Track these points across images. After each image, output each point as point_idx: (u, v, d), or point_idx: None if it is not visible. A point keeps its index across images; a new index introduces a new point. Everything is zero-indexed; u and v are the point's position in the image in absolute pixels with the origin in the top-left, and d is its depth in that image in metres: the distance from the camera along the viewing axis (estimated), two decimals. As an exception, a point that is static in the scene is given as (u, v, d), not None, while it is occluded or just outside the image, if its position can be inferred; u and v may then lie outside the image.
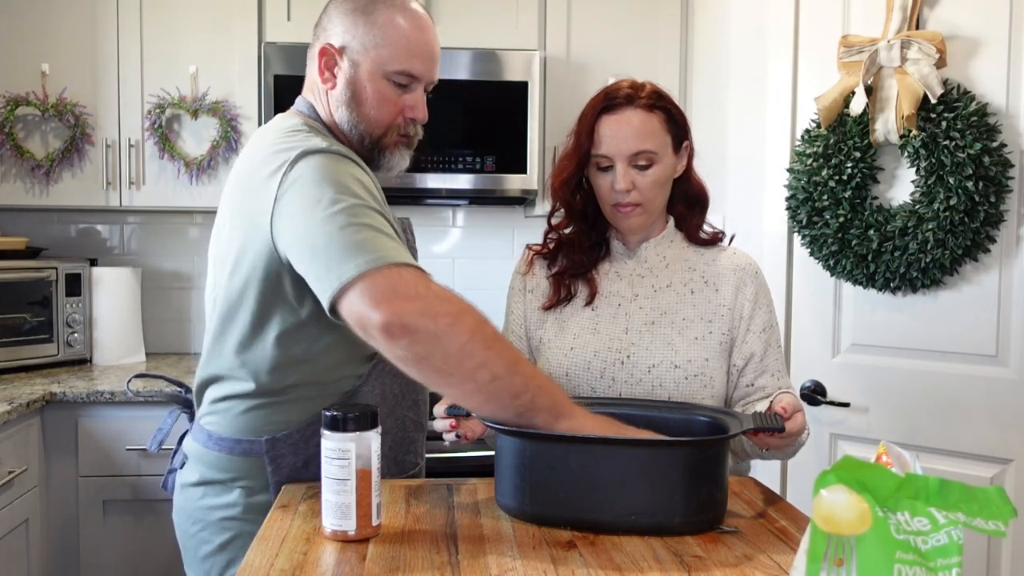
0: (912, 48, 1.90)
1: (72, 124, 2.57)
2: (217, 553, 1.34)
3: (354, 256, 1.10)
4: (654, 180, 1.43)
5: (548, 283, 1.52)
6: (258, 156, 1.27)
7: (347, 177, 1.20)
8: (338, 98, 1.36)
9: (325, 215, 1.15)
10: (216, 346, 1.33)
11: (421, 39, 1.35)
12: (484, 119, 2.62)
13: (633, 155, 1.41)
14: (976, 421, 1.92)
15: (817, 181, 2.03)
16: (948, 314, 1.95)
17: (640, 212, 1.44)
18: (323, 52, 1.35)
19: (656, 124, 1.42)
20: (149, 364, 2.71)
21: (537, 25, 2.70)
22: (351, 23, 1.33)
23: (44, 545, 2.29)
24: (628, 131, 1.41)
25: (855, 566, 0.72)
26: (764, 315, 1.47)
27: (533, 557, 1.01)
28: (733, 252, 1.53)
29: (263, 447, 1.30)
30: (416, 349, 1.08)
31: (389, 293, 1.08)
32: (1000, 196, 1.84)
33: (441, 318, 1.08)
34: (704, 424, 1.23)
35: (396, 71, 1.33)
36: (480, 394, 1.11)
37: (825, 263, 2.07)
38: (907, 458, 0.82)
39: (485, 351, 1.10)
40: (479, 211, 3.06)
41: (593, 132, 1.43)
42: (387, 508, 1.17)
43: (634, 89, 1.44)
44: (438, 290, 1.13)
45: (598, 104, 1.44)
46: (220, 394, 1.34)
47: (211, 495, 1.34)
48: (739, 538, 1.08)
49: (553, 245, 1.55)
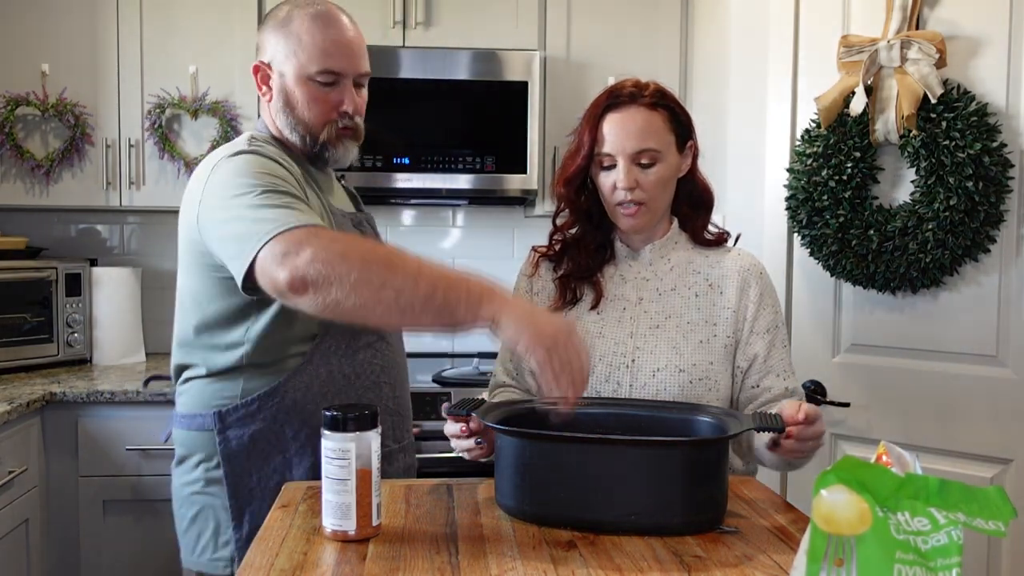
0: (912, 48, 1.89)
1: (72, 124, 2.57)
2: (190, 527, 1.45)
3: (255, 233, 1.21)
4: (657, 179, 1.42)
5: (554, 286, 1.52)
6: (198, 171, 1.43)
7: (258, 169, 1.33)
8: (275, 107, 1.48)
9: (233, 205, 1.28)
10: (179, 335, 1.46)
11: (333, 37, 1.44)
12: (484, 119, 2.62)
13: (636, 153, 1.40)
14: (976, 421, 1.92)
15: (817, 181, 2.03)
16: (948, 314, 1.95)
17: (643, 212, 1.44)
18: (256, 69, 1.49)
19: (660, 122, 1.42)
20: (149, 364, 2.71)
21: (537, 25, 2.70)
22: (274, 37, 1.46)
23: (44, 545, 2.29)
24: (631, 129, 1.40)
25: (855, 566, 0.72)
26: (768, 316, 1.47)
27: (533, 557, 1.01)
28: (738, 253, 1.52)
29: (213, 420, 1.40)
30: (323, 298, 1.15)
31: (283, 255, 1.17)
32: (1000, 196, 1.84)
33: (332, 261, 1.15)
34: (705, 424, 1.23)
35: (317, 72, 1.43)
36: (394, 312, 1.17)
37: (825, 263, 2.07)
38: (907, 458, 0.82)
39: (383, 272, 1.15)
40: (479, 211, 3.06)
41: (597, 130, 1.42)
42: (387, 508, 1.17)
43: (638, 88, 1.44)
44: (327, 238, 1.20)
45: (602, 103, 1.44)
46: (184, 377, 1.47)
47: (182, 472, 1.47)
48: (739, 538, 1.08)
49: (559, 247, 1.54)
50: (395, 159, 2.56)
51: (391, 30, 2.63)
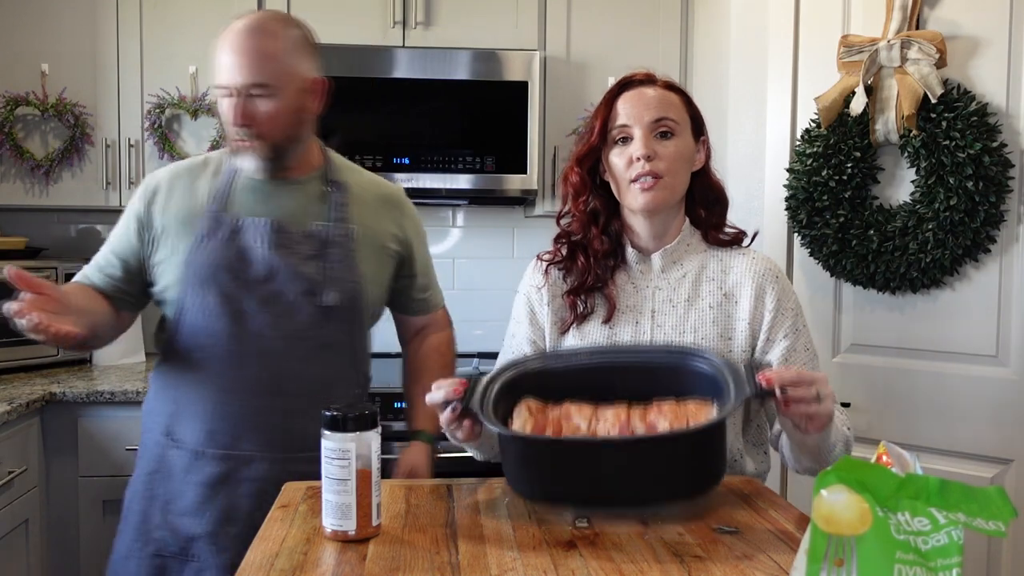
0: (912, 48, 1.89)
1: (72, 124, 2.57)
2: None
3: None
4: (676, 151, 1.38)
5: (564, 300, 1.45)
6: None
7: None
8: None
9: None
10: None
11: (224, 52, 1.48)
12: (484, 119, 2.62)
13: (654, 121, 1.37)
14: (976, 421, 1.92)
15: (817, 181, 2.03)
16: (948, 314, 1.95)
17: (661, 186, 1.37)
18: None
19: (676, 100, 1.42)
20: (149, 364, 2.71)
21: (537, 25, 2.70)
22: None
23: (44, 545, 2.29)
24: (649, 100, 1.39)
25: (855, 566, 0.72)
26: (787, 322, 1.40)
27: (533, 557, 1.01)
28: (752, 257, 1.46)
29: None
30: None
31: None
32: (1000, 196, 1.84)
33: None
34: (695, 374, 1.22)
35: (216, 88, 1.51)
36: None
37: (825, 263, 2.07)
38: (907, 458, 0.82)
39: None
40: (479, 211, 3.06)
41: (611, 110, 1.40)
42: (387, 508, 1.17)
43: (650, 74, 1.44)
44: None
45: (615, 88, 1.43)
46: None
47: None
48: (739, 538, 1.08)
49: (566, 250, 1.48)
50: (395, 159, 2.56)
51: (391, 30, 2.63)
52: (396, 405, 2.32)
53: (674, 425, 1.15)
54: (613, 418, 1.19)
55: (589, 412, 1.21)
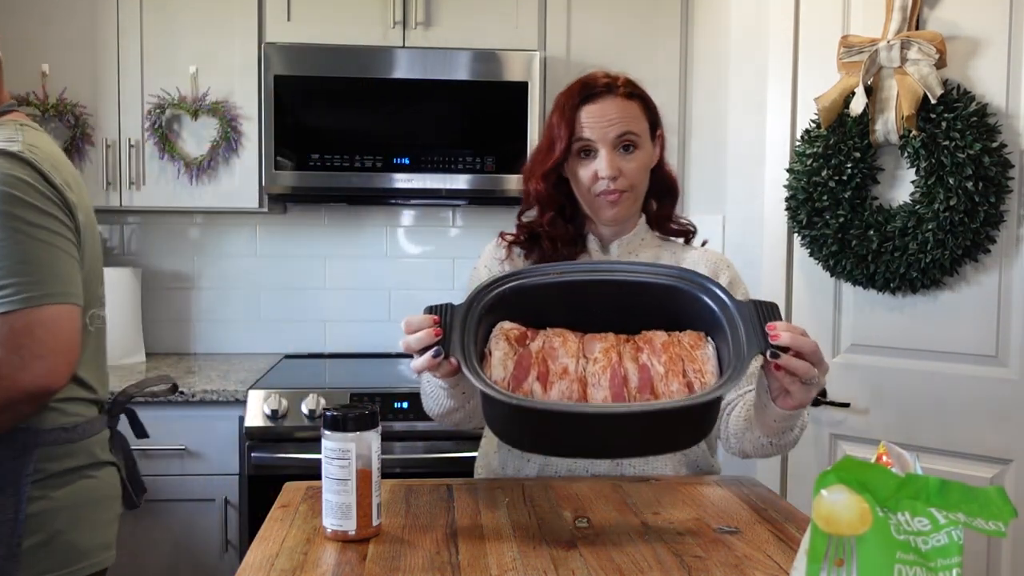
0: (912, 48, 1.90)
1: (72, 124, 2.57)
2: None
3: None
4: (639, 164, 1.43)
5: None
6: None
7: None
8: None
9: None
10: None
11: None
12: (484, 119, 2.62)
13: (618, 137, 1.40)
14: (976, 421, 1.92)
15: (817, 181, 2.03)
16: (948, 314, 1.95)
17: (626, 199, 1.43)
18: None
19: (636, 110, 1.44)
20: (149, 364, 2.71)
21: (537, 25, 2.70)
22: None
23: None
24: (612, 116, 1.40)
25: (855, 566, 0.72)
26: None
27: (533, 557, 1.01)
28: (706, 250, 1.53)
29: None
30: None
31: None
32: (1000, 196, 1.84)
33: None
34: (694, 301, 1.12)
35: None
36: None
37: (825, 263, 2.07)
38: (907, 458, 0.82)
39: None
40: (479, 211, 3.06)
41: (574, 121, 1.42)
42: (387, 508, 1.17)
43: (610, 78, 1.45)
44: None
45: (576, 93, 1.43)
46: None
47: None
48: (739, 538, 1.08)
49: (527, 236, 1.49)
50: (395, 159, 2.56)
51: (391, 30, 2.63)
52: (396, 405, 2.32)
53: (668, 367, 1.08)
54: (603, 358, 1.10)
55: (575, 347, 1.11)
